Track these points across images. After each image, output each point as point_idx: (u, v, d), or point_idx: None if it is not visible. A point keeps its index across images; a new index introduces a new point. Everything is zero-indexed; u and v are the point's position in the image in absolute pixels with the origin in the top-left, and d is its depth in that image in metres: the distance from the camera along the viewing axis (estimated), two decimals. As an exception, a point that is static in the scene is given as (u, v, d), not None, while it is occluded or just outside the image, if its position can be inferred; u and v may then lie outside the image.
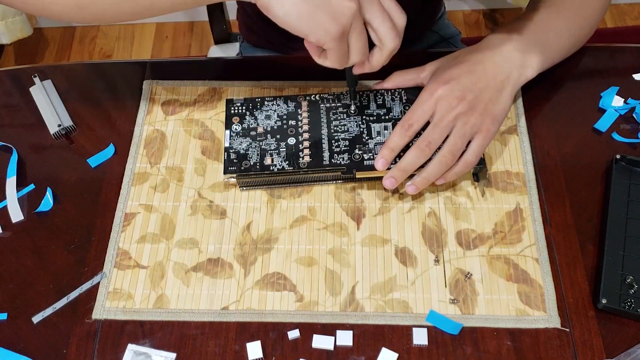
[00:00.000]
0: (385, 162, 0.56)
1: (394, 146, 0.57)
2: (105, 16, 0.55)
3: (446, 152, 0.55)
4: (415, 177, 0.57)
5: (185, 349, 0.53)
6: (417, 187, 0.57)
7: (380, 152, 0.57)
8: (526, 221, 0.58)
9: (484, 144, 0.57)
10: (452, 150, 0.55)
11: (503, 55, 0.59)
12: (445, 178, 0.57)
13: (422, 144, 0.55)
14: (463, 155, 0.56)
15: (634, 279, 0.54)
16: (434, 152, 0.56)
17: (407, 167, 0.56)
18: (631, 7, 1.66)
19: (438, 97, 0.56)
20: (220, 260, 0.57)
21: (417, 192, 0.57)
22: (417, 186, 0.57)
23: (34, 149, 0.64)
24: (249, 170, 0.59)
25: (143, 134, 0.65)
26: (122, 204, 0.60)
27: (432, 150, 0.56)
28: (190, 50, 1.64)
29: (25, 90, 0.68)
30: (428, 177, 0.56)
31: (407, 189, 0.57)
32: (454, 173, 0.57)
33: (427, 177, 0.56)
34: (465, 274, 0.55)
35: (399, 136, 0.56)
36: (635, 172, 0.59)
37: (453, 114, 0.55)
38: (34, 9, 0.55)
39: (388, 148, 0.57)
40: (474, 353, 0.52)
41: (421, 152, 0.55)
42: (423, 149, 0.55)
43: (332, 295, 0.55)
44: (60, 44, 1.66)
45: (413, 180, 0.57)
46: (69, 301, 0.55)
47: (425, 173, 0.56)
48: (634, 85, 0.66)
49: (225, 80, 0.68)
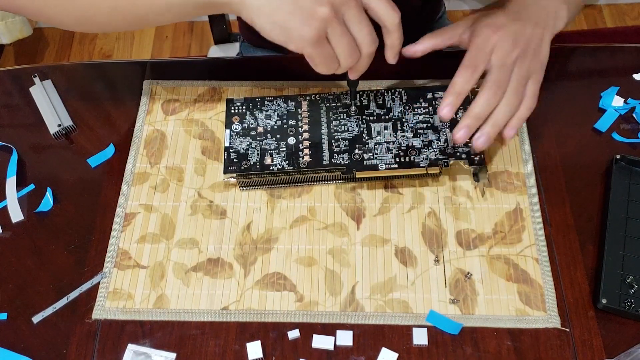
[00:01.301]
0: (452, 108, 0.54)
1: (461, 90, 0.54)
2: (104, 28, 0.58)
3: (511, 94, 0.54)
4: (485, 125, 0.55)
5: (185, 349, 0.53)
6: (489, 137, 0.55)
7: (444, 99, 0.54)
8: (526, 221, 0.58)
9: (537, 88, 0.56)
10: (516, 92, 0.54)
11: (541, 4, 0.58)
12: (512, 126, 0.55)
13: (493, 85, 0.54)
14: (523, 100, 0.55)
15: (634, 279, 0.54)
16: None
17: (480, 113, 0.54)
18: (631, 7, 1.66)
19: (494, 43, 0.55)
20: (220, 260, 0.57)
21: (488, 143, 0.55)
22: (490, 134, 0.55)
23: (34, 149, 0.64)
24: (249, 169, 0.59)
25: (143, 134, 0.65)
26: (122, 204, 0.60)
27: (503, 92, 0.54)
28: (190, 50, 1.64)
29: (25, 90, 0.68)
30: (498, 122, 0.54)
31: (477, 142, 0.55)
32: (519, 119, 0.55)
33: (497, 123, 0.55)
34: (465, 274, 0.55)
35: (465, 79, 0.54)
36: (635, 172, 0.59)
37: (512, 57, 0.54)
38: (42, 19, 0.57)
39: (454, 93, 0.54)
40: (474, 353, 0.52)
41: (493, 94, 0.54)
42: (495, 90, 0.54)
43: (332, 295, 0.55)
44: (60, 44, 1.66)
45: (482, 130, 0.55)
46: (69, 301, 0.55)
47: (495, 118, 0.54)
48: (634, 85, 0.66)
49: (225, 80, 0.68)
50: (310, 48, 0.50)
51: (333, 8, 0.48)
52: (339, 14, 0.49)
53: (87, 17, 0.55)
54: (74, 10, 0.54)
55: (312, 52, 0.50)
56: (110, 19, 0.55)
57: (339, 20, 0.49)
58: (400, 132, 0.60)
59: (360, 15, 0.50)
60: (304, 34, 0.49)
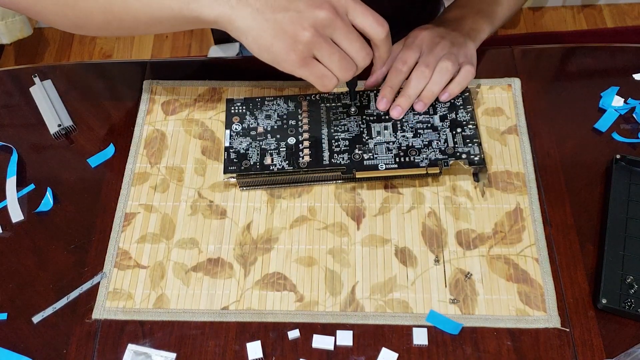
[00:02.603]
0: (388, 101, 0.61)
1: (392, 84, 0.61)
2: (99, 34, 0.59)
3: (438, 70, 0.60)
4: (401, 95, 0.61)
5: (185, 349, 0.53)
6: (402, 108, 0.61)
7: (381, 92, 0.61)
8: (526, 221, 0.58)
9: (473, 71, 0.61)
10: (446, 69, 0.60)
11: (457, 23, 0.66)
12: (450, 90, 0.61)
13: (421, 67, 0.60)
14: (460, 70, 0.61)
15: (634, 279, 0.54)
16: None
17: (411, 92, 0.60)
18: (631, 7, 1.66)
19: (422, 38, 0.62)
20: (220, 260, 0.57)
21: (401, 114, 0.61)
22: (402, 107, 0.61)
23: (34, 149, 0.64)
24: (249, 170, 0.59)
25: (143, 134, 0.65)
26: (122, 204, 0.60)
27: (431, 71, 0.60)
28: (190, 50, 1.64)
29: (25, 90, 0.68)
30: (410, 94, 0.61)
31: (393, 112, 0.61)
32: (458, 83, 0.61)
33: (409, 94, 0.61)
34: (465, 274, 0.55)
35: (394, 75, 0.61)
36: (635, 172, 0.59)
37: (440, 46, 0.61)
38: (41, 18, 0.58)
39: (388, 87, 0.61)
40: (474, 353, 0.52)
41: (421, 74, 0.60)
42: (423, 70, 0.60)
43: (332, 295, 0.55)
44: (60, 44, 1.66)
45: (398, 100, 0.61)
46: (69, 301, 0.55)
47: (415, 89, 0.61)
48: (634, 85, 0.66)
49: (225, 80, 0.68)
50: (300, 70, 0.51)
51: (317, 31, 0.49)
52: (324, 35, 0.50)
53: (81, 25, 0.56)
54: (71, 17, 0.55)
55: (302, 73, 0.51)
56: (103, 28, 0.56)
57: (325, 40, 0.50)
58: (400, 132, 0.60)
59: (348, 33, 0.51)
60: (290, 58, 0.50)
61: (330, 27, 0.50)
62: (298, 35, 0.49)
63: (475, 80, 0.64)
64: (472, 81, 0.62)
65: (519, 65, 0.68)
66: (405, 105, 0.60)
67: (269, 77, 0.68)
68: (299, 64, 0.50)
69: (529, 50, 0.70)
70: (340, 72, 0.52)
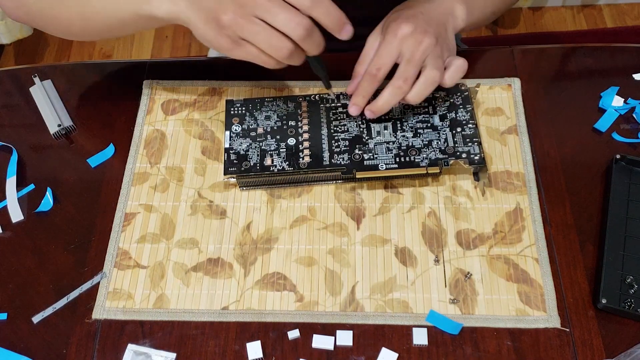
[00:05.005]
0: (358, 108, 0.58)
1: (365, 93, 0.57)
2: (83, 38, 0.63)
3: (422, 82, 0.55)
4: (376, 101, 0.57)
5: (185, 349, 0.53)
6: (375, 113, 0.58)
7: (352, 98, 0.58)
8: (526, 221, 0.58)
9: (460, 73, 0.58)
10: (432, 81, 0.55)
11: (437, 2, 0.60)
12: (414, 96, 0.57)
13: (399, 82, 0.55)
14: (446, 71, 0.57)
15: (634, 279, 0.54)
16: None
17: (383, 107, 0.57)
18: (631, 7, 1.66)
19: (402, 35, 0.55)
20: (220, 260, 0.57)
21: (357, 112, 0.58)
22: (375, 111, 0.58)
23: (34, 149, 0.64)
24: (249, 171, 0.58)
25: (143, 134, 0.65)
26: (122, 204, 0.60)
27: (409, 87, 0.55)
28: (190, 50, 1.64)
29: (25, 90, 0.68)
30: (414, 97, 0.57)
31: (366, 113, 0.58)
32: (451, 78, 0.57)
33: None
34: (465, 274, 0.55)
35: (368, 82, 0.56)
36: (635, 172, 0.59)
37: (422, 48, 0.55)
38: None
39: (359, 95, 0.57)
40: (474, 353, 0.52)
41: (398, 90, 0.55)
42: (400, 86, 0.55)
43: (332, 295, 0.55)
44: (60, 44, 1.66)
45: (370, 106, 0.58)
46: (69, 301, 0.55)
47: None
48: (634, 85, 0.66)
49: (225, 80, 0.68)
50: (234, 53, 0.50)
51: (236, 12, 0.48)
52: (247, 15, 0.49)
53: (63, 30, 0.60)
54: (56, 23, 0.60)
55: (239, 55, 0.51)
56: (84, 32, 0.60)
57: (248, 20, 0.49)
58: (400, 132, 0.60)
59: (271, 7, 0.48)
60: (221, 43, 0.50)
61: (249, 6, 0.48)
62: (220, 20, 0.49)
63: (475, 79, 0.64)
64: (471, 81, 0.62)
65: (519, 65, 0.68)
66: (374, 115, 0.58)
67: (269, 77, 0.68)
68: (231, 47, 0.50)
69: (529, 50, 0.70)
70: (271, 49, 0.49)
